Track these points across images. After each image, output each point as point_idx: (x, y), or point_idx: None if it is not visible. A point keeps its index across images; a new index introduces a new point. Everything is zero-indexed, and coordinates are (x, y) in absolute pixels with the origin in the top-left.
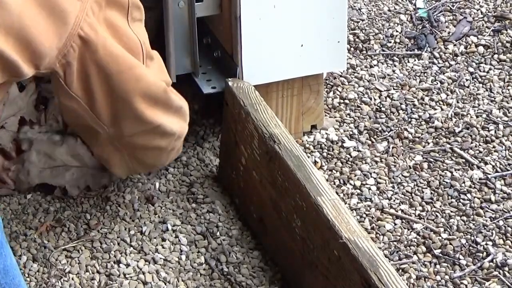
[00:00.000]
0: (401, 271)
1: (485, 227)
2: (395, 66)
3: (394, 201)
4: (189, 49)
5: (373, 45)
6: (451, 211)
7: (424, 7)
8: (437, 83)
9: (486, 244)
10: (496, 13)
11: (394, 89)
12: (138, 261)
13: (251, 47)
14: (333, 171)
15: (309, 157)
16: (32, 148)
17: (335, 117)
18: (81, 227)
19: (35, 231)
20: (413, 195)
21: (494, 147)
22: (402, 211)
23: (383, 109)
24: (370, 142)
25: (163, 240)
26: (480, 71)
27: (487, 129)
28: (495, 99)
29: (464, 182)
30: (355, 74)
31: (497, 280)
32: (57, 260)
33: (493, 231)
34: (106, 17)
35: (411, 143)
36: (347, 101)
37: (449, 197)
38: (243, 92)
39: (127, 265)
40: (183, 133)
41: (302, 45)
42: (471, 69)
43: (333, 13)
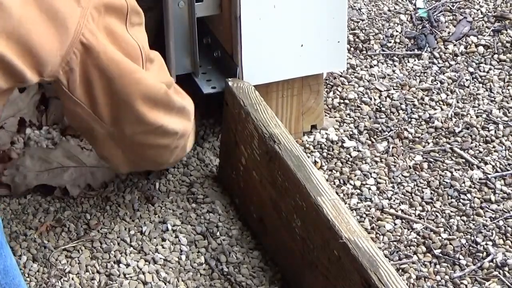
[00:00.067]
0: (401, 271)
1: (485, 227)
2: (395, 66)
3: (394, 201)
4: (189, 49)
5: (373, 45)
6: (451, 211)
7: (424, 7)
8: (437, 83)
9: (486, 244)
10: (496, 13)
11: (394, 89)
12: (138, 261)
13: (251, 47)
14: (333, 171)
15: (309, 157)
16: (25, 153)
17: (335, 117)
18: (81, 227)
19: (35, 231)
20: (413, 195)
21: (494, 147)
22: (402, 211)
23: (383, 109)
24: (370, 142)
25: (163, 240)
26: (480, 71)
27: (487, 129)
28: (495, 99)
29: (464, 182)
30: (355, 74)
31: (497, 280)
32: (57, 260)
33: (493, 231)
34: (105, 24)
35: (411, 143)
36: (347, 101)
37: (449, 197)
38: (243, 92)
39: (127, 265)
40: (187, 132)
41: (302, 45)
42: (471, 69)
43: (333, 13)
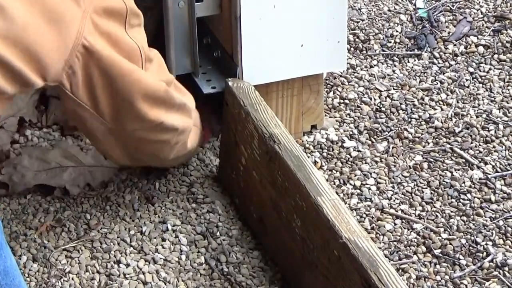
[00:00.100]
0: (401, 271)
1: (485, 227)
2: (395, 66)
3: (394, 201)
4: (189, 49)
5: (373, 45)
6: (451, 211)
7: (424, 7)
8: (437, 83)
9: (486, 244)
10: (496, 13)
11: (394, 89)
12: (138, 261)
13: (251, 47)
14: (333, 171)
15: (309, 157)
16: (23, 153)
17: (335, 117)
18: (81, 227)
19: (35, 231)
20: (413, 195)
21: (494, 147)
22: (402, 211)
23: (383, 109)
24: (370, 142)
25: (163, 240)
26: (480, 71)
27: (487, 129)
28: (495, 99)
29: (464, 182)
30: (355, 74)
31: (497, 280)
32: (57, 260)
33: (493, 231)
34: (105, 27)
35: (411, 143)
36: (347, 101)
37: (449, 197)
38: (243, 92)
39: (127, 265)
40: (187, 128)
41: (302, 45)
42: (471, 69)
43: (333, 13)
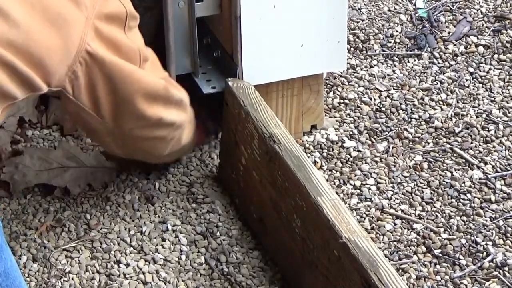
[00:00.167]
0: (401, 271)
1: (485, 227)
2: (395, 66)
3: (394, 201)
4: (189, 49)
5: (373, 45)
6: (451, 211)
7: (424, 7)
8: (437, 83)
9: (486, 244)
10: (496, 13)
11: (394, 89)
12: (138, 261)
13: (251, 47)
14: (333, 171)
15: (309, 157)
16: (25, 153)
17: (335, 117)
18: (81, 227)
19: (35, 231)
20: (413, 195)
21: (494, 147)
22: (402, 211)
23: (383, 109)
24: (370, 142)
25: (163, 240)
26: (480, 71)
27: (487, 129)
28: (495, 99)
29: (464, 182)
30: (355, 74)
31: (497, 280)
32: (57, 260)
33: (493, 231)
34: (106, 31)
35: (411, 143)
36: (347, 101)
37: (449, 197)
38: (243, 92)
39: (127, 265)
40: (183, 123)
41: (302, 45)
42: (471, 69)
43: (333, 13)
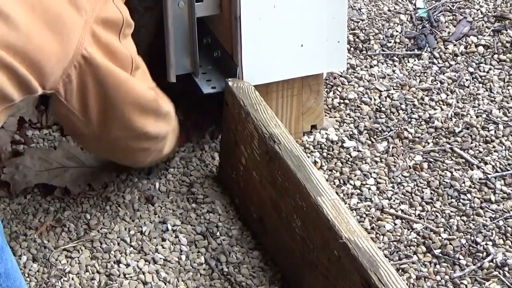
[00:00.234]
0: (401, 271)
1: (485, 227)
2: (395, 66)
3: (394, 201)
4: (189, 49)
5: (373, 45)
6: (451, 211)
7: (424, 7)
8: (437, 83)
9: (486, 244)
10: (496, 13)
11: (394, 89)
12: (138, 261)
13: (251, 47)
14: (333, 171)
15: (309, 157)
16: (25, 153)
17: (335, 117)
18: (81, 227)
19: (35, 231)
20: (413, 195)
21: (494, 147)
22: (402, 211)
23: (383, 109)
24: (370, 142)
25: (163, 240)
26: (480, 71)
27: (487, 129)
28: (495, 99)
29: (464, 182)
30: (355, 74)
31: (497, 280)
32: (57, 260)
33: (493, 231)
34: (103, 37)
35: (411, 143)
36: (347, 101)
37: (449, 197)
38: (243, 92)
39: (127, 265)
40: (167, 135)
41: (302, 45)
42: (471, 69)
43: (333, 13)
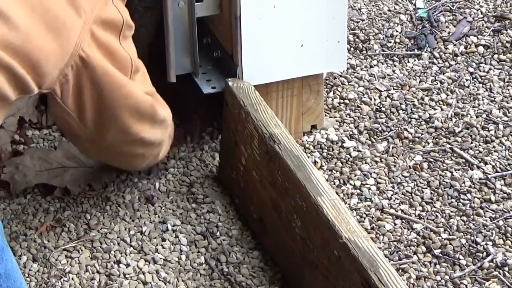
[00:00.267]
0: (401, 271)
1: (485, 227)
2: (395, 66)
3: (394, 201)
4: (189, 49)
5: (373, 45)
6: (451, 211)
7: (424, 7)
8: (437, 83)
9: (486, 244)
10: (496, 13)
11: (394, 89)
12: (138, 261)
13: (251, 47)
14: (333, 171)
15: (309, 157)
16: (25, 153)
17: (335, 117)
18: (81, 227)
19: (35, 231)
20: (413, 195)
21: (494, 147)
22: (402, 211)
23: (383, 109)
24: (370, 142)
25: (163, 240)
26: (480, 71)
27: (487, 129)
28: (495, 99)
29: (464, 182)
30: (355, 74)
31: (497, 280)
32: (57, 260)
33: (493, 231)
34: (102, 38)
35: (411, 143)
36: (347, 101)
37: (449, 197)
38: (243, 92)
39: (127, 265)
40: (163, 141)
41: (302, 45)
42: (471, 69)
43: (333, 13)
